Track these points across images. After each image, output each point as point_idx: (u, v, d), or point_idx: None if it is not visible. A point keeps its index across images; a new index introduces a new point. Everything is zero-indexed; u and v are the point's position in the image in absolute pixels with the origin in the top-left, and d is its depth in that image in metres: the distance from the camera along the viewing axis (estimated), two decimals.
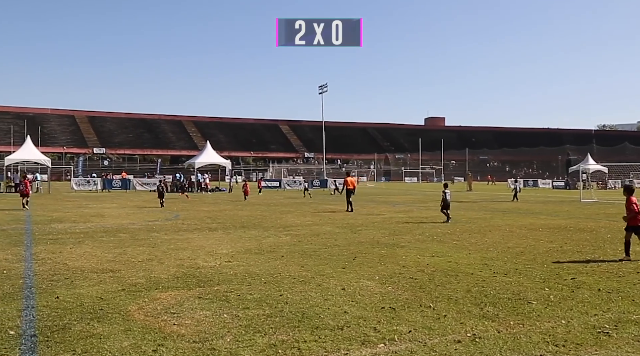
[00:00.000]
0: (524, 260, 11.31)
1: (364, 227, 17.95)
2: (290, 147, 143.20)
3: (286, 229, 17.43)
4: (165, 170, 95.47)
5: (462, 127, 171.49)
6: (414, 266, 10.56)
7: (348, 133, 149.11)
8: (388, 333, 6.16)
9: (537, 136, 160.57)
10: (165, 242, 14.16)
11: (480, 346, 5.75)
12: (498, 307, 7.36)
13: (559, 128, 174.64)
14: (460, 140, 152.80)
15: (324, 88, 72.83)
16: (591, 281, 9.15)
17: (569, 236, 15.82)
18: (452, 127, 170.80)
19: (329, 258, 11.46)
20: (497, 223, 19.89)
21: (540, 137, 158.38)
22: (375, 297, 7.92)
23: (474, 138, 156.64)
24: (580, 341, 5.90)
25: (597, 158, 73.19)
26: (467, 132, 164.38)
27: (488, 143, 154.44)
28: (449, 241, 14.52)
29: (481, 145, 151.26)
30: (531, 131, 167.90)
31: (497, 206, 30.82)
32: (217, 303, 7.52)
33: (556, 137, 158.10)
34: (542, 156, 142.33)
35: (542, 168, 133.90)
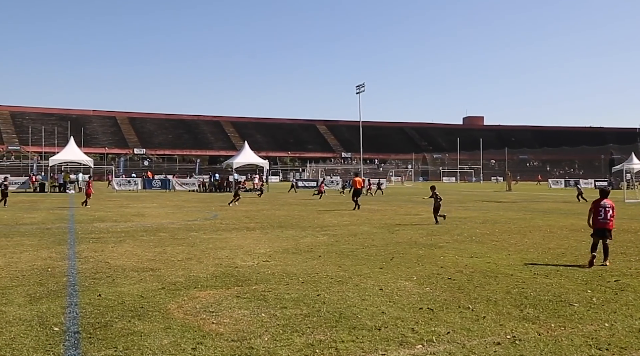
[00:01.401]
0: (566, 261, 11.10)
1: (402, 227, 17.85)
2: (327, 146, 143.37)
3: (323, 229, 17.46)
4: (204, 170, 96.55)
5: (501, 126, 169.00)
6: (452, 266, 10.46)
7: (385, 133, 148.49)
8: (426, 334, 6.12)
9: (578, 135, 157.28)
10: (204, 241, 14.33)
11: (520, 348, 5.66)
12: (539, 309, 7.24)
13: (601, 126, 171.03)
14: (500, 139, 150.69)
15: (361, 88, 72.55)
16: (636, 283, 8.93)
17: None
18: (491, 126, 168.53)
19: (366, 259, 11.44)
20: (537, 223, 19.55)
21: (582, 136, 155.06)
22: (413, 298, 7.87)
23: (513, 138, 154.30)
24: (625, 345, 5.76)
25: None
26: (506, 131, 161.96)
27: (528, 142, 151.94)
28: (488, 242, 14.34)
29: (521, 144, 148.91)
30: (573, 130, 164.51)
31: (537, 206, 30.30)
32: (255, 302, 7.58)
33: (599, 136, 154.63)
34: (584, 155, 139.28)
35: (584, 168, 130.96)
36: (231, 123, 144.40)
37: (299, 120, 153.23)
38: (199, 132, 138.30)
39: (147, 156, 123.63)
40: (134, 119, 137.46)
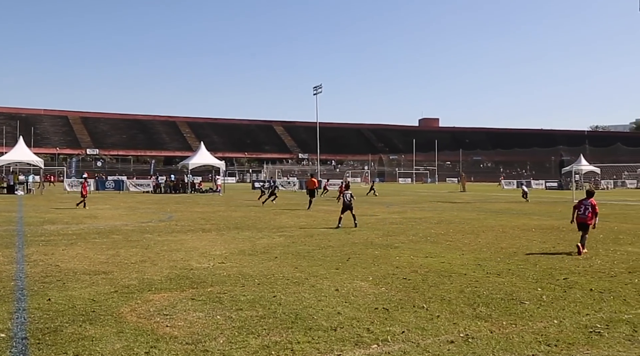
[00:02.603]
0: (517, 261, 11.35)
1: (358, 228, 17.95)
2: (284, 147, 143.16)
3: (280, 230, 17.42)
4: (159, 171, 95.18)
5: (456, 127, 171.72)
6: (408, 267, 10.57)
7: (342, 134, 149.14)
8: (381, 334, 6.16)
9: (530, 137, 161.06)
10: (158, 243, 14.12)
11: (473, 346, 5.76)
12: (491, 307, 7.38)
13: (552, 129, 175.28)
14: (454, 140, 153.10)
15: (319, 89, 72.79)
16: (583, 281, 9.20)
17: (561, 236, 15.89)
18: (446, 128, 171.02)
19: (322, 259, 11.47)
20: (490, 223, 19.94)
21: (534, 138, 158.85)
22: (368, 298, 7.92)
23: (467, 139, 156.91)
24: (572, 341, 5.92)
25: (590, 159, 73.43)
26: (461, 133, 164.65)
27: (481, 144, 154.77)
28: (443, 242, 14.55)
29: (475, 145, 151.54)
30: (524, 132, 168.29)
31: (490, 207, 30.90)
32: (210, 304, 7.51)
33: (549, 138, 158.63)
34: (536, 157, 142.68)
35: (536, 169, 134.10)
36: (187, 124, 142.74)
37: (256, 121, 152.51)
38: (154, 132, 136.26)
39: (100, 157, 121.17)
40: (86, 119, 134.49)
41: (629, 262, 11.28)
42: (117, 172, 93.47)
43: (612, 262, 11.26)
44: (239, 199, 39.06)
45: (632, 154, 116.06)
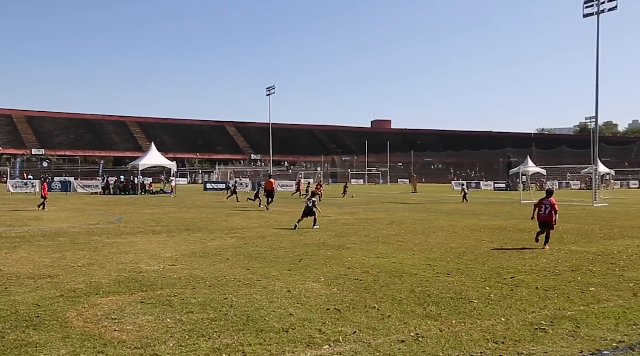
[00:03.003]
0: (466, 260, 11.56)
1: (310, 229, 17.97)
2: (236, 148, 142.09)
3: (232, 231, 17.29)
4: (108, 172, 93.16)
5: (408, 129, 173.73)
6: (359, 267, 10.64)
7: (295, 135, 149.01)
8: (333, 335, 6.18)
9: (479, 139, 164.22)
10: (106, 245, 13.82)
11: (423, 345, 5.84)
12: (441, 306, 7.50)
13: (500, 131, 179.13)
14: (406, 142, 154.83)
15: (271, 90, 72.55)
16: (529, 279, 9.44)
17: (509, 236, 16.28)
18: (397, 130, 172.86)
19: (274, 261, 11.43)
20: (440, 224, 20.26)
21: (483, 140, 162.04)
22: (320, 299, 7.94)
23: (419, 141, 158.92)
24: (518, 338, 6.07)
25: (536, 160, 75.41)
26: (413, 135, 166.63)
27: (432, 145, 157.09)
28: (394, 242, 14.70)
29: (426, 147, 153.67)
30: (474, 134, 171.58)
31: (440, 207, 31.40)
32: (160, 307, 7.39)
33: (498, 140, 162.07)
34: (485, 158, 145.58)
35: (485, 170, 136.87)
36: (137, 124, 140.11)
37: (208, 121, 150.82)
38: (103, 132, 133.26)
39: (46, 157, 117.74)
40: (32, 118, 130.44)
41: (572, 260, 11.63)
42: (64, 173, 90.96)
43: (557, 260, 11.59)
44: (191, 200, 38.57)
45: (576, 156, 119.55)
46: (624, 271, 10.28)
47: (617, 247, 13.89)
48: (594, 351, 5.64)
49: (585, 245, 14.12)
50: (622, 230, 18.24)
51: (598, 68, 36.78)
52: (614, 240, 15.44)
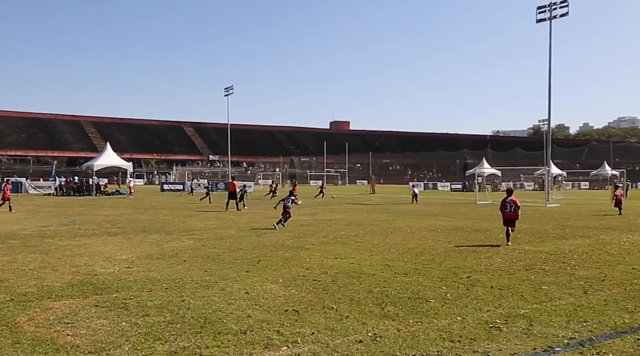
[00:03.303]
0: (424, 260, 11.69)
1: (269, 230, 17.91)
2: (194, 149, 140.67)
3: (189, 233, 17.11)
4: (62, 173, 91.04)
5: (366, 131, 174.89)
6: (318, 268, 10.65)
7: (254, 136, 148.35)
8: (291, 336, 6.17)
9: (437, 141, 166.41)
10: (59, 248, 13.49)
11: (380, 345, 5.88)
12: (398, 306, 7.56)
13: (457, 133, 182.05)
14: (364, 143, 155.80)
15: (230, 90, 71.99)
16: (485, 279, 9.60)
17: (465, 236, 16.53)
18: (356, 131, 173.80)
19: (232, 262, 11.36)
20: (398, 225, 20.45)
21: (440, 142, 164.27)
22: (279, 300, 7.92)
23: (377, 143, 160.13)
24: (474, 337, 6.17)
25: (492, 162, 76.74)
26: (371, 136, 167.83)
27: (391, 147, 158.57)
28: (352, 243, 14.77)
29: (384, 148, 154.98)
30: (431, 136, 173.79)
31: (398, 208, 31.70)
32: (115, 311, 7.26)
33: (454, 142, 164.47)
34: (442, 160, 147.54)
35: (442, 172, 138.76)
36: (92, 124, 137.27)
37: (165, 121, 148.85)
38: (56, 131, 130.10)
39: None
40: None
41: (526, 259, 11.89)
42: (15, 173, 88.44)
43: (511, 260, 11.83)
44: (147, 202, 37.98)
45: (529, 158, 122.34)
46: (575, 270, 10.55)
47: (569, 246, 14.25)
48: (546, 348, 5.77)
49: (539, 245, 14.45)
50: (574, 230, 18.73)
51: (550, 72, 37.70)
52: (566, 239, 15.84)
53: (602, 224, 20.99)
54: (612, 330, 6.49)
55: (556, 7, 37.20)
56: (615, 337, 6.18)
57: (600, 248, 13.92)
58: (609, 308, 7.50)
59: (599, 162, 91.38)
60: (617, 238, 16.20)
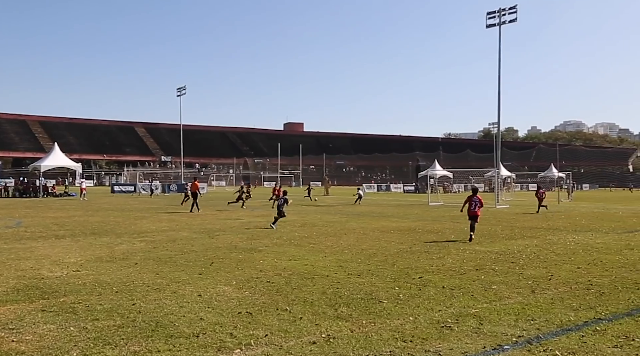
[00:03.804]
0: (377, 261, 11.79)
1: (222, 232, 17.77)
2: (146, 150, 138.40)
3: (141, 235, 16.81)
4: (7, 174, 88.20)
5: (320, 132, 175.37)
6: (271, 270, 10.62)
7: (207, 137, 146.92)
8: (244, 338, 6.13)
9: (390, 143, 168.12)
10: (4, 251, 13.07)
11: (334, 346, 5.89)
12: (352, 307, 7.60)
13: (409, 135, 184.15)
14: (318, 145, 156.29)
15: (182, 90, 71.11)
16: (436, 279, 9.75)
17: (417, 237, 16.74)
18: (310, 133, 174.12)
19: (185, 265, 11.21)
20: (352, 226, 20.56)
21: (393, 144, 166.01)
22: (232, 302, 7.86)
23: (331, 144, 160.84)
24: (426, 336, 6.25)
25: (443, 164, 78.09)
26: (325, 138, 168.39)
27: (344, 148, 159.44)
28: (306, 244, 14.78)
29: (338, 150, 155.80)
30: (384, 138, 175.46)
31: (352, 210, 31.89)
32: (63, 315, 7.07)
33: (407, 144, 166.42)
34: (395, 162, 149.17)
35: (395, 173, 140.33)
36: (39, 123, 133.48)
37: (116, 121, 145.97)
38: (1, 131, 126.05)
39: None
40: None
41: (476, 260, 12.12)
42: None
43: (462, 260, 12.04)
44: (97, 203, 37.16)
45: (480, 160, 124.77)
46: (524, 270, 10.81)
47: (518, 246, 14.60)
48: (495, 347, 5.89)
49: (489, 245, 14.76)
50: (522, 230, 19.20)
51: (500, 77, 38.61)
52: (515, 240, 16.21)
53: (549, 225, 21.58)
54: (558, 327, 6.67)
55: (505, 13, 38.14)
56: (561, 334, 6.36)
57: (547, 248, 14.30)
58: (555, 307, 7.71)
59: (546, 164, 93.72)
60: (563, 238, 16.68)
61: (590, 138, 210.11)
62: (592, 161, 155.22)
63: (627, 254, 13.11)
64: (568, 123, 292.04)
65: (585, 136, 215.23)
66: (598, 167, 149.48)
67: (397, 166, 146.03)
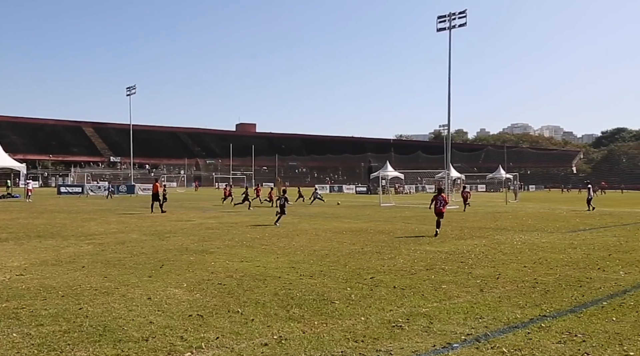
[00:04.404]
0: (329, 262, 11.82)
1: (173, 234, 17.52)
2: (94, 150, 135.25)
3: (88, 238, 16.42)
4: None
5: (273, 133, 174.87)
6: (223, 272, 10.53)
7: (157, 137, 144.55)
8: (195, 341, 6.06)
9: (342, 144, 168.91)
10: None
11: (286, 347, 5.88)
12: (304, 308, 7.60)
13: (361, 137, 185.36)
14: (271, 146, 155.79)
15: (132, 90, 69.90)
16: (388, 279, 9.84)
17: (369, 238, 16.87)
18: (262, 133, 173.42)
19: (134, 267, 11.01)
20: (304, 227, 20.57)
21: (345, 145, 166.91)
22: (182, 305, 7.75)
23: (283, 145, 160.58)
24: (377, 336, 6.30)
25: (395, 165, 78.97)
26: (277, 139, 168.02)
27: (297, 149, 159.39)
28: (258, 246, 14.71)
29: (290, 151, 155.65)
30: (337, 139, 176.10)
31: (304, 210, 31.90)
32: (5, 321, 6.84)
33: (359, 145, 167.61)
34: (347, 163, 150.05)
35: (347, 174, 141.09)
36: None
37: (63, 121, 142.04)
38: None
39: None
40: None
41: (427, 260, 12.29)
42: None
43: (413, 260, 12.20)
44: (43, 205, 36.12)
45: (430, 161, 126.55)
46: (472, 269, 11.03)
47: (467, 246, 14.88)
48: (445, 345, 5.99)
49: (439, 246, 14.99)
50: (471, 230, 19.58)
51: (450, 80, 39.33)
52: (464, 240, 16.52)
53: (497, 225, 22.08)
54: (505, 325, 6.83)
55: (455, 17, 38.89)
56: (508, 332, 6.51)
57: (495, 247, 14.62)
58: (502, 305, 7.88)
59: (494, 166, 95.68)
60: (510, 238, 17.08)
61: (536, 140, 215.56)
62: (538, 163, 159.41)
63: (570, 253, 13.53)
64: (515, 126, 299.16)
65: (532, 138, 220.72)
66: (543, 168, 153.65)
67: (349, 167, 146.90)
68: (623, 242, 15.90)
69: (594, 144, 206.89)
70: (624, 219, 25.39)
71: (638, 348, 5.88)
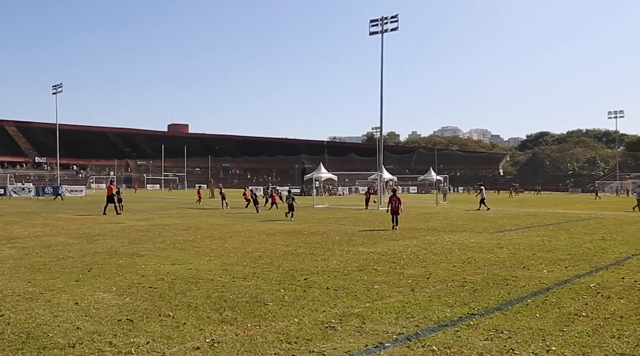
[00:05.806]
0: (262, 264, 11.79)
1: (102, 237, 17.04)
2: (18, 150, 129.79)
3: (11, 241, 15.75)
4: None
5: (206, 134, 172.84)
6: (154, 275, 10.32)
7: (86, 137, 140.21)
8: (125, 347, 5.91)
9: (276, 145, 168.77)
10: None
11: (218, 350, 5.83)
12: (237, 311, 7.55)
13: (295, 138, 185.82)
14: (204, 147, 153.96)
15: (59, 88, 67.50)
16: (321, 280, 9.90)
17: (303, 239, 16.91)
18: (195, 134, 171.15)
19: (60, 271, 10.64)
20: (237, 229, 20.43)
21: (279, 147, 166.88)
22: (111, 310, 7.55)
23: (216, 146, 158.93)
24: (310, 337, 6.33)
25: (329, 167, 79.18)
26: (210, 140, 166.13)
27: (230, 151, 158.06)
28: (190, 248, 14.51)
29: (224, 152, 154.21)
30: (270, 141, 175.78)
31: (238, 212, 31.67)
32: None
33: (293, 147, 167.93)
34: (281, 164, 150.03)
35: (281, 176, 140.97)
36: None
37: None
38: None
39: None
40: None
41: (359, 261, 12.43)
42: None
43: (346, 261, 12.31)
44: None
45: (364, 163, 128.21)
46: (404, 269, 11.24)
47: (399, 247, 15.14)
48: (377, 345, 6.07)
49: (371, 246, 15.19)
50: (403, 231, 19.92)
51: (382, 83, 40.00)
52: (396, 241, 16.80)
53: (428, 226, 22.57)
54: (435, 323, 6.99)
55: (387, 21, 39.56)
56: (438, 330, 6.67)
57: (426, 248, 14.95)
58: (433, 304, 8.07)
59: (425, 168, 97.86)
60: (440, 238, 17.50)
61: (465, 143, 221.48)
62: (467, 165, 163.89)
63: (497, 252, 13.99)
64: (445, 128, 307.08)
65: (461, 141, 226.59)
66: (472, 170, 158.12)
67: (283, 169, 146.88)
68: (546, 241, 16.56)
69: (520, 147, 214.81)
70: (547, 219, 26.47)
71: (560, 343, 6.14)
